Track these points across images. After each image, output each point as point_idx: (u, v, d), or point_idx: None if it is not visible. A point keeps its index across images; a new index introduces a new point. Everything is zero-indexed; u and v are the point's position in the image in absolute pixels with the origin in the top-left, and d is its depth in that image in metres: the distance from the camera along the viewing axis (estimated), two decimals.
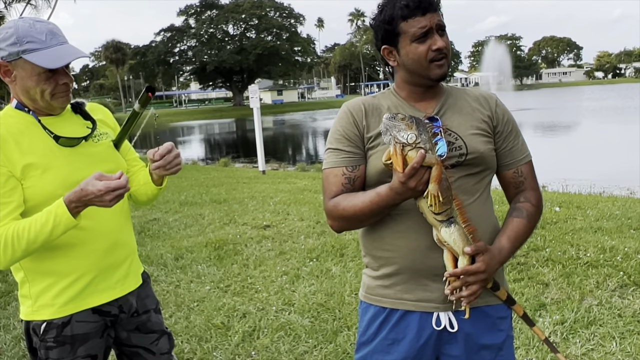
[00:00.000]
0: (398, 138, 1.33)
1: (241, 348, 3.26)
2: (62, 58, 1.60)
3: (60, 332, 1.68)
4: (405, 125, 1.33)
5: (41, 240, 1.54)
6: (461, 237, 1.43)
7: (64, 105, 1.72)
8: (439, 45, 1.49)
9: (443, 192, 1.37)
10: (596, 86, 78.10)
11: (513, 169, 1.62)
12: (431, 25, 1.49)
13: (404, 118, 1.34)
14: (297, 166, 15.80)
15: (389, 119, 1.34)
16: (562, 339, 3.06)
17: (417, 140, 1.32)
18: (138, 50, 69.16)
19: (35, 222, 1.54)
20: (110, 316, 1.78)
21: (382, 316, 1.60)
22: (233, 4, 66.48)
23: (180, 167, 1.74)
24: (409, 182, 1.34)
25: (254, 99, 12.14)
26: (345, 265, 4.51)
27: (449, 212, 1.41)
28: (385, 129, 1.35)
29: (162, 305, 3.93)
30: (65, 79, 1.65)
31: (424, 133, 1.35)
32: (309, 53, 70.34)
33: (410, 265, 1.54)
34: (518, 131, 1.65)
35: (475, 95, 1.64)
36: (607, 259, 4.11)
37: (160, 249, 5.39)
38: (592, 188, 8.02)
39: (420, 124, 1.35)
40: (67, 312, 1.69)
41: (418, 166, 1.31)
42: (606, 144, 16.47)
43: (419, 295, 1.55)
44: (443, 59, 1.51)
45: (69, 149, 1.69)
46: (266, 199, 7.77)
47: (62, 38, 1.65)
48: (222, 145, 29.04)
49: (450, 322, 1.55)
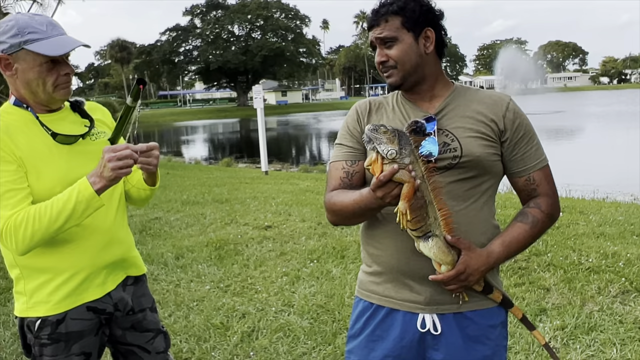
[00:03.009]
0: (379, 150, 1.33)
1: (240, 348, 3.25)
2: (63, 46, 1.61)
3: (55, 330, 1.68)
4: (387, 139, 1.33)
5: (63, 218, 1.54)
6: (441, 251, 1.42)
7: (65, 98, 1.71)
8: (376, 60, 1.58)
9: (415, 211, 1.37)
10: (602, 91, 77.89)
11: (525, 177, 1.57)
12: (372, 40, 1.57)
13: (387, 131, 1.33)
14: (300, 167, 15.81)
15: (371, 130, 1.34)
16: (562, 345, 3.04)
17: (396, 156, 1.32)
18: (143, 49, 69.38)
19: (57, 200, 1.55)
20: (105, 314, 1.78)
21: (369, 311, 1.63)
22: (239, 4, 66.65)
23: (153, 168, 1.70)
24: (377, 192, 1.34)
25: (257, 100, 12.16)
26: (346, 267, 4.49)
27: (424, 228, 1.41)
28: (368, 139, 1.34)
29: (162, 304, 3.93)
30: (66, 69, 1.66)
31: (406, 147, 1.35)
32: (314, 54, 70.41)
33: (396, 265, 1.56)
34: (532, 136, 1.57)
35: (485, 98, 1.58)
36: (609, 264, 4.08)
37: (161, 248, 5.39)
38: (596, 193, 7.99)
39: (402, 138, 1.35)
40: (62, 309, 1.68)
41: (385, 180, 1.31)
42: (611, 149, 16.42)
43: (405, 295, 1.57)
44: (388, 70, 1.57)
45: (66, 147, 1.68)
46: (268, 200, 7.77)
47: (62, 29, 1.65)
48: (226, 145, 29.09)
49: (435, 325, 1.55)
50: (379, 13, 1.54)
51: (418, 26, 1.53)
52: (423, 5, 1.54)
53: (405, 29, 1.53)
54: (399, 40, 1.53)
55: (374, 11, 1.56)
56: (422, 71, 1.56)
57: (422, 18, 1.53)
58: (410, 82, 1.56)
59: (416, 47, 1.54)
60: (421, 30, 1.54)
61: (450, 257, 1.43)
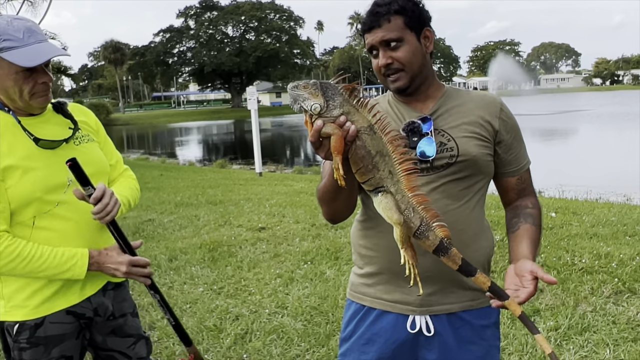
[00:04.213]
0: (304, 108, 1.23)
1: (233, 351, 3.23)
2: (39, 56, 1.56)
3: (34, 334, 1.65)
4: (309, 93, 1.23)
5: (45, 274, 1.61)
6: (387, 208, 1.29)
7: (43, 105, 1.68)
8: (380, 64, 1.51)
9: (357, 162, 1.27)
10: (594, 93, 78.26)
11: (517, 176, 1.60)
12: (373, 43, 1.51)
13: (307, 86, 1.23)
14: (294, 168, 15.80)
15: (292, 88, 1.24)
16: (556, 345, 3.04)
17: (322, 109, 1.22)
18: (137, 50, 69.19)
19: (53, 257, 1.60)
20: (85, 318, 1.75)
21: (361, 314, 1.62)
22: (233, 5, 66.60)
23: (115, 214, 1.67)
24: (320, 155, 1.28)
25: (251, 101, 12.15)
26: (340, 269, 4.48)
27: (373, 182, 1.29)
28: (293, 99, 1.24)
29: (155, 307, 3.90)
30: (44, 78, 1.62)
31: (334, 98, 1.24)
32: (308, 56, 70.46)
33: (389, 266, 1.54)
34: (521, 137, 1.61)
35: (478, 99, 1.59)
36: (602, 265, 4.09)
37: (154, 250, 5.36)
38: (589, 194, 8.02)
39: (328, 90, 1.24)
40: (40, 313, 1.66)
41: (314, 139, 1.24)
42: (603, 150, 16.49)
43: (397, 296, 1.56)
44: (394, 73, 1.51)
45: (49, 151, 1.66)
46: (262, 201, 7.75)
47: (41, 36, 1.61)
48: (220, 146, 29.01)
49: (428, 326, 1.54)
50: (379, 14, 1.48)
51: (419, 25, 1.51)
52: (418, 5, 1.52)
53: (408, 29, 1.49)
54: (405, 41, 1.49)
55: (371, 12, 1.49)
56: (426, 72, 1.54)
57: (421, 17, 1.51)
58: (417, 84, 1.54)
59: (420, 47, 1.51)
60: (422, 29, 1.52)
61: (396, 216, 1.29)
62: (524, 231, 1.54)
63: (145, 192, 9.47)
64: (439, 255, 1.32)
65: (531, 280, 1.38)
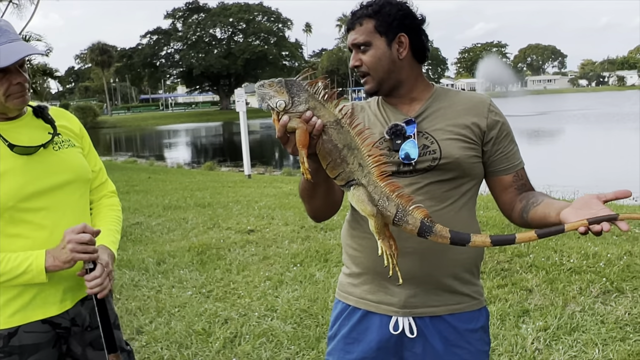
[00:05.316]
0: (270, 105, 1.26)
1: (222, 355, 3.20)
2: (9, 56, 1.51)
3: (7, 343, 1.59)
4: (275, 91, 1.26)
5: (3, 279, 1.52)
6: (360, 200, 1.29)
7: (20, 107, 1.62)
8: (349, 65, 1.56)
9: (326, 157, 1.29)
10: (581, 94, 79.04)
11: (512, 174, 1.58)
12: (348, 45, 1.57)
13: (272, 84, 1.27)
14: (283, 170, 15.78)
15: (258, 87, 1.27)
16: (545, 346, 3.05)
17: (287, 106, 1.25)
18: (124, 52, 68.84)
19: (8, 261, 1.52)
20: (61, 328, 1.68)
21: (346, 313, 1.63)
22: (220, 7, 66.50)
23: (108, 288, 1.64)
24: (289, 151, 1.29)
25: (239, 103, 12.12)
26: (329, 271, 4.47)
27: (344, 175, 1.30)
28: (260, 98, 1.27)
29: (143, 311, 3.87)
30: (19, 79, 1.56)
31: (300, 95, 1.26)
32: (296, 58, 70.54)
33: (373, 267, 1.55)
34: (513, 137, 1.60)
35: (466, 100, 1.58)
36: (590, 265, 4.11)
37: (142, 254, 5.32)
38: (576, 194, 8.07)
39: (293, 87, 1.27)
40: (14, 323, 1.60)
41: (280, 135, 1.26)
42: (591, 150, 16.63)
43: (381, 297, 1.56)
44: (363, 76, 1.55)
45: (25, 157, 1.60)
46: (251, 203, 7.72)
47: (13, 35, 1.56)
48: (209, 148, 28.92)
49: (411, 327, 1.54)
50: (355, 16, 1.53)
51: (391, 31, 1.51)
52: (400, 10, 1.51)
53: (377, 33, 1.51)
54: (372, 45, 1.51)
55: (351, 13, 1.55)
56: (396, 77, 1.54)
57: (396, 23, 1.51)
58: (386, 88, 1.56)
59: (389, 52, 1.52)
60: (395, 35, 1.51)
61: (369, 208, 1.29)
62: (551, 200, 1.49)
63: (133, 195, 9.42)
64: (425, 237, 1.30)
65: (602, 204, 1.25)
